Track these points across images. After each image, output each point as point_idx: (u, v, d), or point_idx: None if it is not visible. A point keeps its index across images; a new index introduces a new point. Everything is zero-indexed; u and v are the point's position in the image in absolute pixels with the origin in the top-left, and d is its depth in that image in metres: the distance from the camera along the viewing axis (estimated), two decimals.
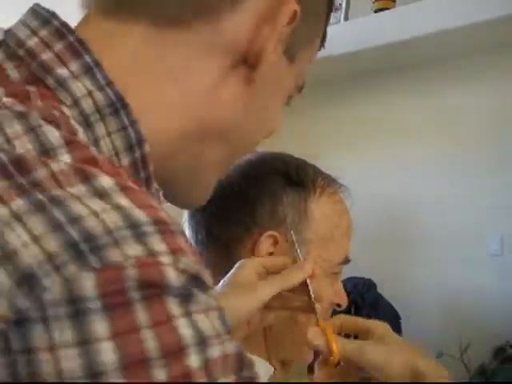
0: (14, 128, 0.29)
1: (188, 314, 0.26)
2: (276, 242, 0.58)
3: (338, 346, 0.52)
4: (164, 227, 0.27)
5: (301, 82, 0.46)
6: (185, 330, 0.25)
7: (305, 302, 0.55)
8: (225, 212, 0.60)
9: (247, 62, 0.38)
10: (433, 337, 1.69)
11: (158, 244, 0.26)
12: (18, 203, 0.25)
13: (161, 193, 0.38)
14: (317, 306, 0.55)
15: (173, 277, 0.25)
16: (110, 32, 0.37)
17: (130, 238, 0.25)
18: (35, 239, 0.25)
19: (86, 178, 0.27)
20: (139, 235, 0.26)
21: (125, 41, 0.37)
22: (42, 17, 0.36)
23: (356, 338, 0.56)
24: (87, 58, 0.35)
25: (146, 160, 0.35)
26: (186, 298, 0.26)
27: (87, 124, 0.33)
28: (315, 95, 2.18)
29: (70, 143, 0.29)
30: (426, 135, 1.84)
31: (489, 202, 1.69)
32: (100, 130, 0.33)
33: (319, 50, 0.47)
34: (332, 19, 1.68)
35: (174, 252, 0.26)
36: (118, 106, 0.34)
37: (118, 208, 0.26)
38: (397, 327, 1.69)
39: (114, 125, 0.34)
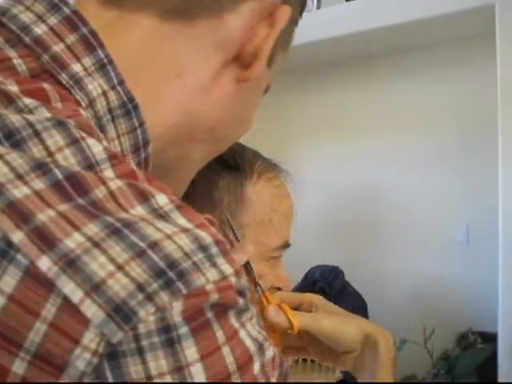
0: (55, 139, 0.27)
1: (243, 325, 0.27)
2: (212, 225, 0.58)
3: (296, 320, 0.55)
4: (222, 247, 0.28)
5: (269, 84, 0.46)
6: (247, 340, 0.27)
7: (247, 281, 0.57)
8: None
9: (240, 61, 0.38)
10: (398, 323, 1.72)
11: (226, 266, 0.27)
12: (92, 229, 0.25)
13: None
14: (260, 281, 0.57)
15: (239, 299, 0.27)
16: (113, 22, 0.35)
17: (206, 261, 0.26)
18: (120, 267, 0.24)
19: (143, 198, 0.27)
20: (210, 257, 0.26)
21: (130, 33, 0.35)
22: (48, 0, 0.33)
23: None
24: (101, 54, 0.33)
25: (148, 161, 0.35)
26: (241, 310, 0.27)
27: (100, 126, 0.32)
28: (284, 83, 2.19)
29: (113, 157, 0.28)
30: (397, 125, 1.85)
31: (456, 192, 1.72)
32: (111, 132, 0.32)
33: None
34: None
35: (237, 274, 0.27)
36: (130, 107, 0.33)
37: (185, 230, 0.26)
38: (363, 314, 1.71)
39: (124, 127, 0.33)
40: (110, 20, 0.35)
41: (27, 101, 0.29)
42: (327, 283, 1.93)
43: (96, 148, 0.28)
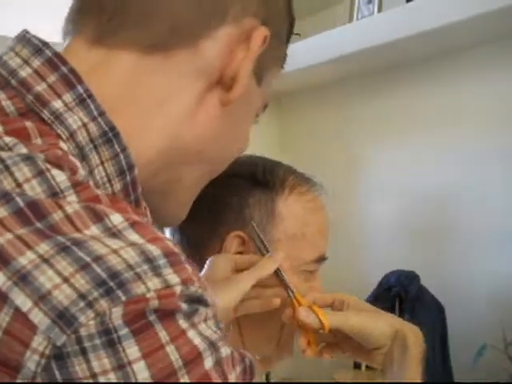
0: (23, 171, 0.30)
1: (193, 326, 0.30)
2: (243, 242, 0.60)
3: (327, 319, 0.57)
4: (173, 258, 0.31)
5: (266, 101, 0.48)
6: (196, 339, 0.30)
7: (278, 290, 0.59)
8: (195, 214, 0.64)
9: (222, 84, 0.41)
10: (477, 328, 1.67)
11: (172, 276, 0.30)
12: (44, 247, 0.28)
13: (148, 211, 0.41)
14: (291, 285, 0.58)
15: (183, 304, 0.30)
16: (100, 60, 0.39)
17: (149, 272, 0.29)
18: (66, 280, 0.27)
19: (97, 219, 0.30)
20: (155, 269, 0.30)
21: (114, 69, 0.39)
22: (34, 45, 0.37)
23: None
24: (80, 89, 0.36)
25: (136, 183, 0.38)
26: (190, 313, 0.31)
27: (82, 155, 0.36)
28: (359, 87, 2.18)
29: (76, 185, 0.32)
30: (472, 124, 1.80)
31: None
32: (94, 159, 0.36)
33: (280, 70, 0.50)
34: (365, 12, 1.68)
35: (184, 282, 0.31)
36: (111, 135, 0.36)
37: (133, 244, 0.30)
38: (441, 319, 1.67)
39: (107, 153, 0.36)
40: (98, 58, 0.39)
41: (7, 139, 0.32)
42: (403, 288, 1.90)
43: (60, 177, 0.32)
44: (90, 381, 0.27)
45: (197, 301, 0.31)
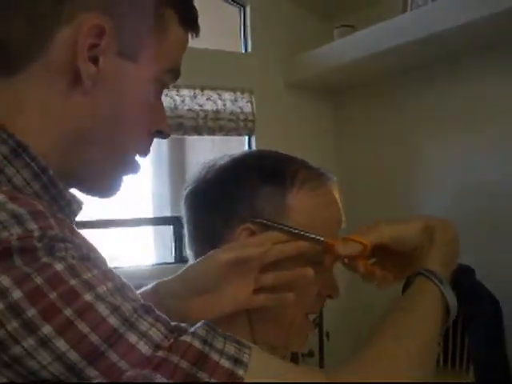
0: None
1: (50, 254, 0.42)
2: (253, 234, 0.62)
3: (364, 239, 0.60)
4: (37, 214, 0.43)
5: (170, 66, 0.53)
6: (46, 258, 0.41)
7: (297, 271, 0.60)
8: (209, 207, 0.66)
9: (79, 75, 0.48)
10: None
11: (31, 225, 0.42)
12: None
13: (77, 198, 0.51)
14: (316, 238, 0.60)
15: (40, 243, 0.42)
16: (3, 91, 0.49)
17: (14, 224, 0.41)
18: None
19: None
20: (19, 222, 0.42)
21: (5, 95, 0.49)
22: None
23: None
24: None
25: (53, 181, 0.49)
26: (50, 248, 0.42)
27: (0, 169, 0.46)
28: (416, 78, 2.15)
29: None
30: None
31: None
32: (10, 170, 0.46)
33: (189, 34, 0.54)
34: (420, 1, 1.64)
35: (42, 228, 0.42)
36: (20, 150, 0.47)
37: (7, 210, 0.42)
38: (496, 314, 1.64)
39: (19, 164, 0.47)
40: (3, 90, 0.49)
41: None
42: (453, 282, 1.84)
43: None
44: None
45: (57, 240, 0.42)
